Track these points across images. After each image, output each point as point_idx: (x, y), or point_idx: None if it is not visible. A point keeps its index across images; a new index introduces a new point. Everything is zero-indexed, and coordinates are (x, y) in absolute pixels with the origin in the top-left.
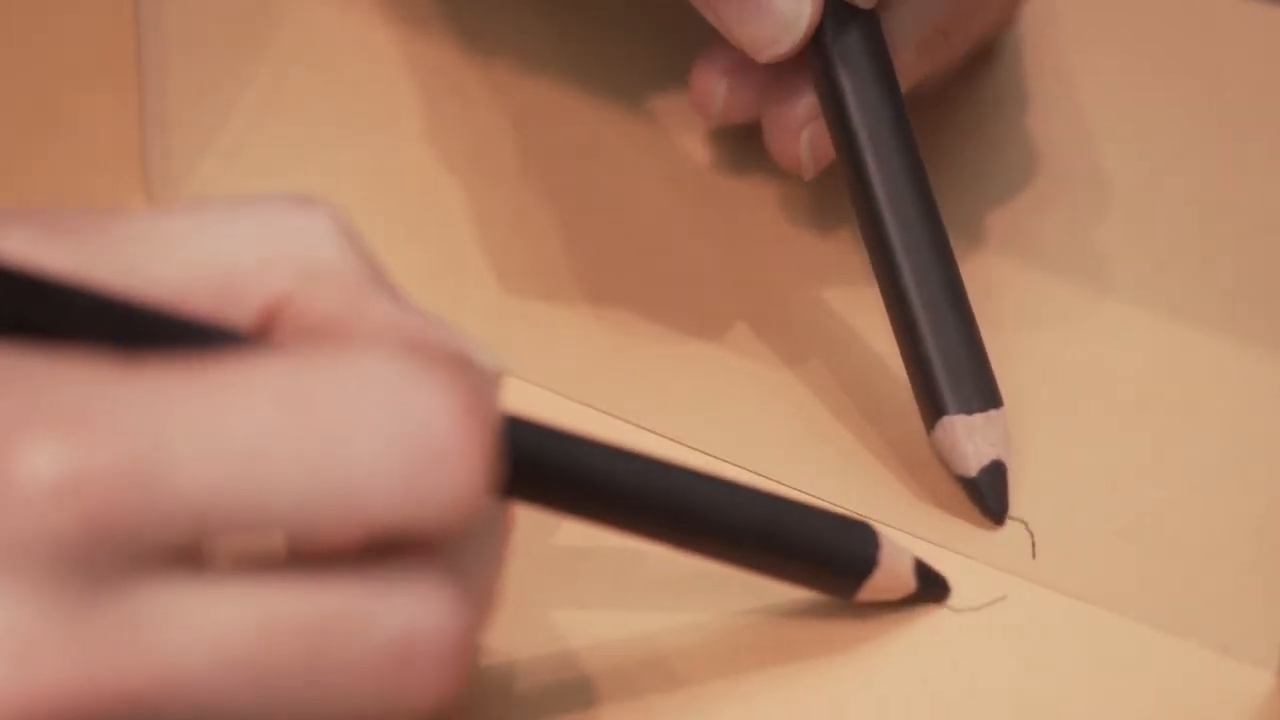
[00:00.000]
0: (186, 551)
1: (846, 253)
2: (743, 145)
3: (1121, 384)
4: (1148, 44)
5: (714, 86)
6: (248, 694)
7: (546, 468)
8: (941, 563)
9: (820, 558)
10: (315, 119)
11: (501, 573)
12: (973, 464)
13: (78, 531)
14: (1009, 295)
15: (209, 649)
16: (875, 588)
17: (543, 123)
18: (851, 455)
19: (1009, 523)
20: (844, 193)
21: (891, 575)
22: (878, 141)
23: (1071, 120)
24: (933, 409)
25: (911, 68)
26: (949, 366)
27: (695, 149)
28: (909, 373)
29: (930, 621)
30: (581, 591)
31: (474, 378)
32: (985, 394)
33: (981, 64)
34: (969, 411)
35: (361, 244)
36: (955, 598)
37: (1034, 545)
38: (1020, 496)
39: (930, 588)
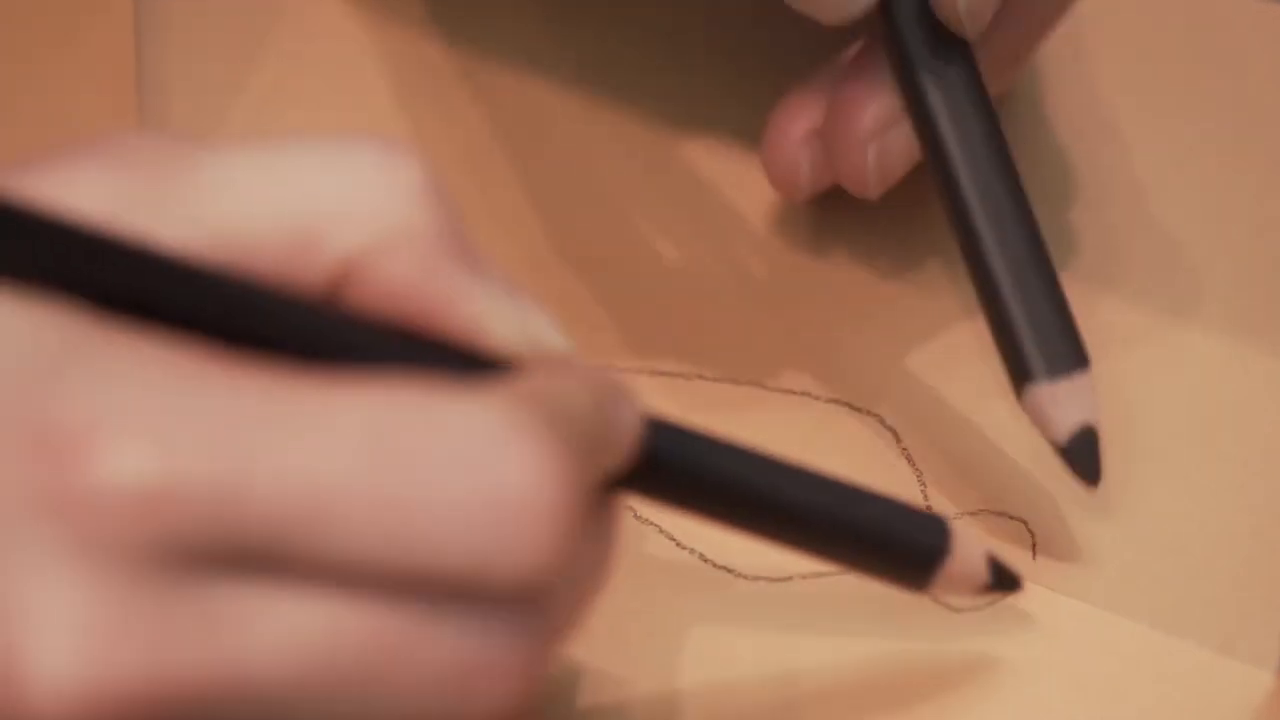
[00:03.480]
0: (261, 559)
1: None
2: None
3: (1119, 385)
4: (1171, 52)
5: (797, 161)
6: (310, 699)
7: (664, 465)
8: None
9: (894, 544)
10: (315, 119)
11: (584, 609)
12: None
13: (155, 538)
14: None
15: (275, 653)
16: (949, 577)
17: (544, 121)
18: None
19: (1010, 522)
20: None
21: (966, 564)
22: (964, 133)
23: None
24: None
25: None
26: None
27: (695, 154)
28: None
29: (930, 621)
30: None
31: (578, 429)
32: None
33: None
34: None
35: (447, 200)
36: (954, 598)
37: (1034, 545)
38: (1016, 496)
39: (1003, 582)
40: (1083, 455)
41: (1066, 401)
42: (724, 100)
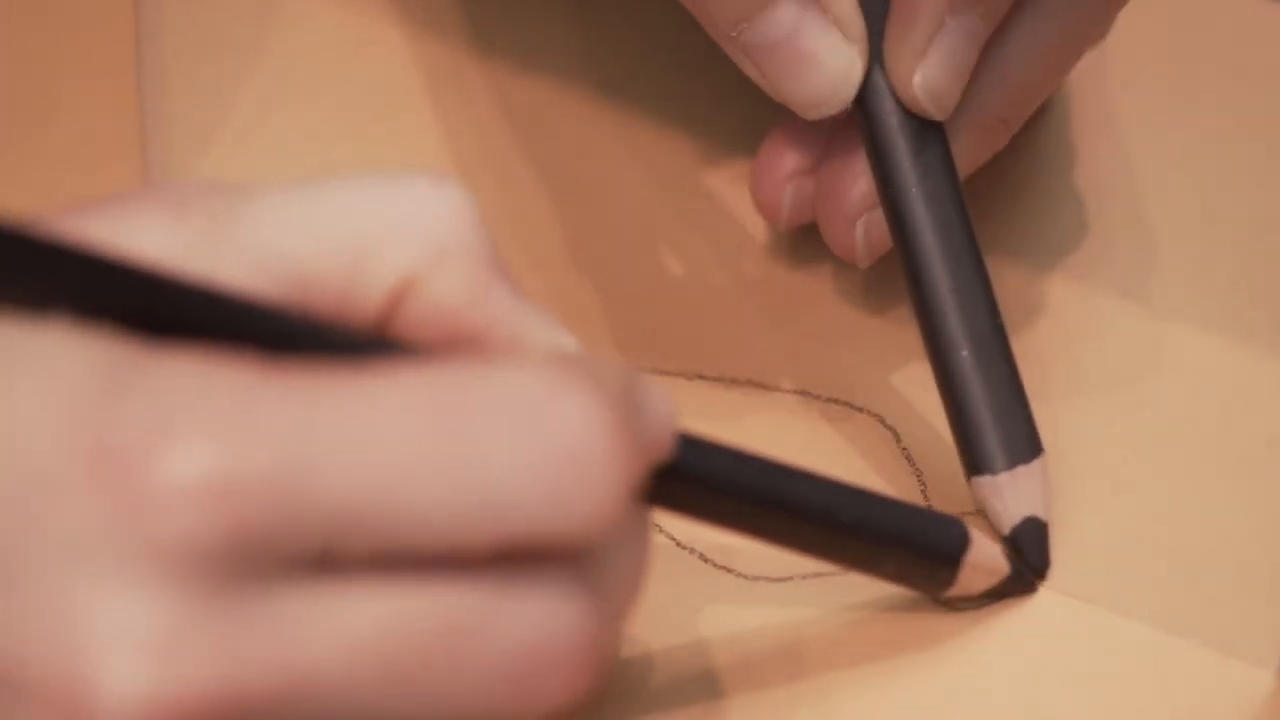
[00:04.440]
0: (322, 553)
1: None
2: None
3: (1119, 385)
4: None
5: (780, 196)
6: (380, 692)
7: (687, 475)
8: None
9: (919, 545)
10: (316, 117)
11: (641, 580)
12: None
13: (221, 536)
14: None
15: (344, 648)
16: (972, 567)
17: (544, 121)
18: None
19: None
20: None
21: (985, 557)
22: (934, 213)
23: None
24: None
25: (969, 154)
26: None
27: (696, 155)
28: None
29: (930, 621)
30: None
31: (619, 390)
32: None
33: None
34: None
35: (487, 228)
36: (955, 600)
37: None
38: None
39: (1018, 576)
40: (1029, 545)
41: (1012, 492)
42: (726, 102)
